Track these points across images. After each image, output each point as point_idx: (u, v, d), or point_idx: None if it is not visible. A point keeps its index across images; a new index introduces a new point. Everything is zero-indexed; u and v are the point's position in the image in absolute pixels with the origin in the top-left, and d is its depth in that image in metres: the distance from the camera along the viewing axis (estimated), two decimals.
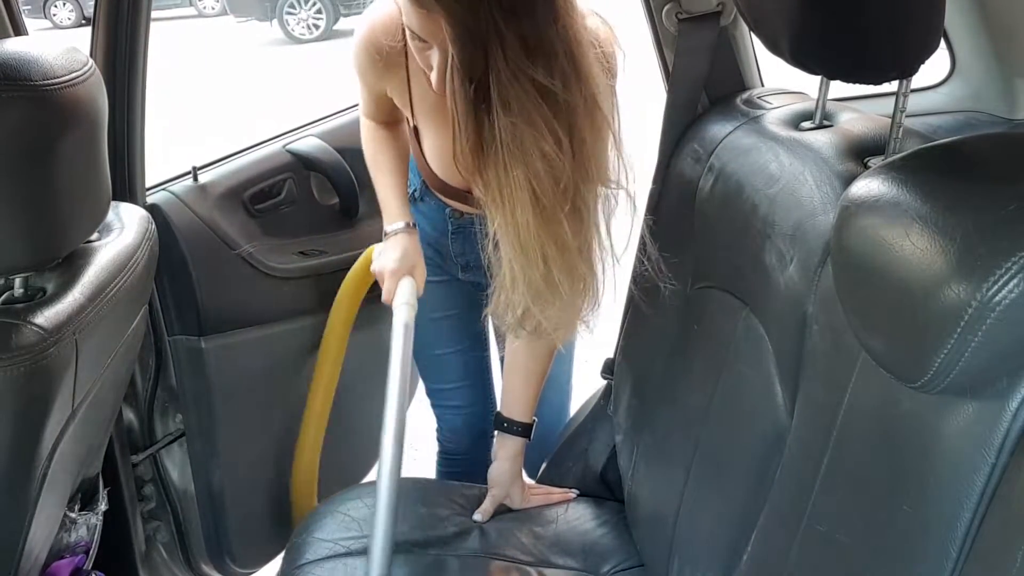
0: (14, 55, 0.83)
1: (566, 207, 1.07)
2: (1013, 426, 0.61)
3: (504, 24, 0.95)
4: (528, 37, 0.97)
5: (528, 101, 0.99)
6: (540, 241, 1.08)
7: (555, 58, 0.99)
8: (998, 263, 0.56)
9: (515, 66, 0.97)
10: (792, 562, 0.85)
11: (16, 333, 0.85)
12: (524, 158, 1.02)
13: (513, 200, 1.05)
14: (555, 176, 1.04)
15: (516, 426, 1.41)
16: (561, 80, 1.00)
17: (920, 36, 0.93)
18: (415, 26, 1.04)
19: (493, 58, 0.97)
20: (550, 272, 1.11)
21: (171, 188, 1.48)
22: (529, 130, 1.01)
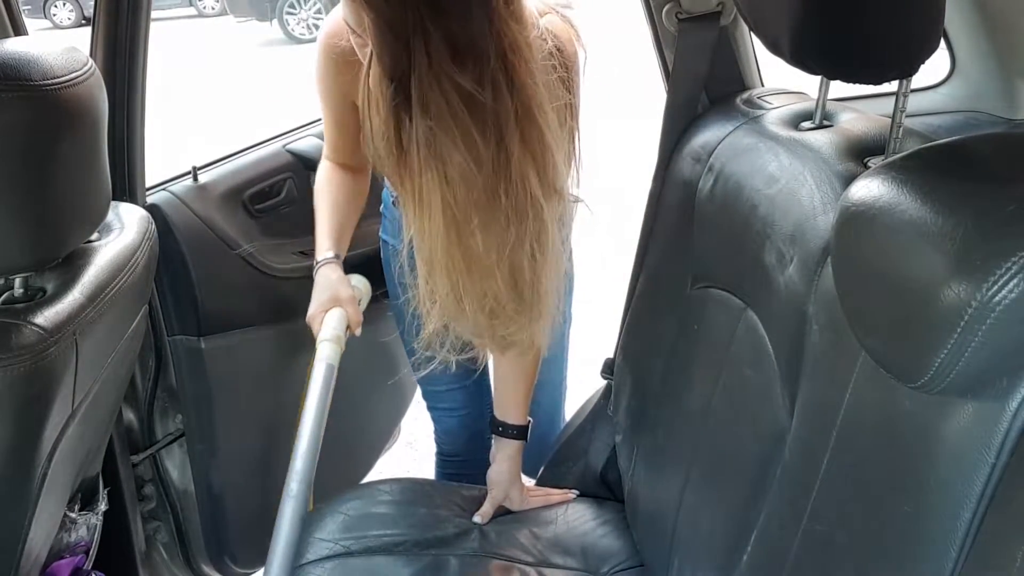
0: (14, 55, 0.83)
1: (475, 220, 1.01)
2: (1013, 426, 0.61)
3: (431, 22, 0.90)
4: (457, 38, 0.91)
5: (448, 106, 0.93)
6: (449, 253, 1.03)
7: (485, 63, 0.93)
8: (998, 263, 0.56)
9: (439, 68, 0.91)
10: (792, 562, 0.85)
11: (16, 333, 0.85)
12: (437, 164, 0.97)
13: (424, 206, 1.00)
14: (467, 186, 0.98)
15: (511, 429, 1.40)
16: (491, 88, 0.94)
17: (920, 36, 0.92)
18: (349, 19, 1.01)
19: (416, 57, 0.91)
20: (457, 287, 1.06)
21: (171, 188, 1.48)
22: (446, 136, 0.95)
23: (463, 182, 0.98)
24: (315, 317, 1.33)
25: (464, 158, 0.96)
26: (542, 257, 1.07)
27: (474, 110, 0.94)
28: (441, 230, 1.01)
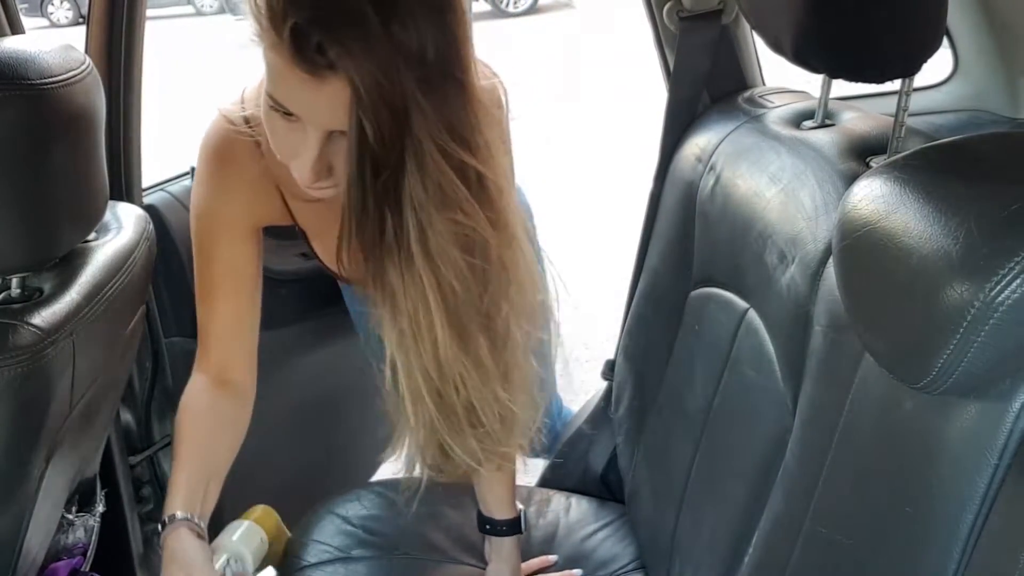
0: (11, 54, 0.83)
1: (481, 319, 0.91)
2: (1016, 427, 0.60)
3: (422, 95, 0.77)
4: (446, 116, 0.80)
5: (453, 190, 0.82)
6: (456, 361, 0.91)
7: (473, 139, 0.83)
8: (1001, 263, 0.55)
9: (439, 148, 0.80)
10: (794, 564, 0.84)
11: (13, 333, 0.85)
12: (442, 260, 0.85)
13: (422, 311, 0.88)
14: (485, 276, 0.88)
15: (501, 525, 1.25)
16: (482, 160, 0.84)
17: (923, 35, 0.92)
18: (290, 97, 0.81)
19: (415, 138, 0.78)
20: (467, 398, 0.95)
21: (168, 189, 1.48)
22: (451, 225, 0.84)
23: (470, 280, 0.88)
24: None
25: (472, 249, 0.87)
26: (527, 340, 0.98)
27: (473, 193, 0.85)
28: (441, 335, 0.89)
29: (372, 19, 0.73)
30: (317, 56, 0.75)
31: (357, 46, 0.74)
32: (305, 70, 0.76)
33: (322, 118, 0.81)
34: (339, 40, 0.74)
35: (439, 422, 0.97)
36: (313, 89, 0.77)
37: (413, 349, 0.91)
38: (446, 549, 1.32)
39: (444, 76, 0.79)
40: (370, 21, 0.73)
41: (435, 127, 0.79)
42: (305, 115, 0.82)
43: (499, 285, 0.91)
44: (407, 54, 0.75)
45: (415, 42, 0.75)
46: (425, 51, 0.76)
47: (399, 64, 0.75)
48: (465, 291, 0.88)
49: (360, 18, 0.74)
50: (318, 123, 0.81)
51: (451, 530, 1.34)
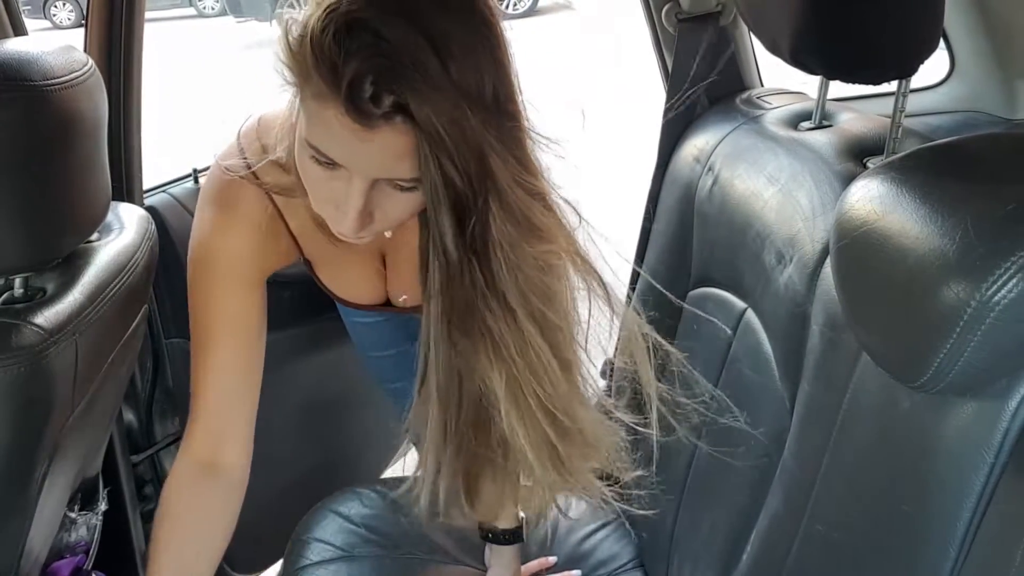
0: (14, 55, 0.83)
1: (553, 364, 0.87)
2: (1012, 426, 0.61)
3: (491, 134, 0.74)
4: (512, 145, 0.77)
5: (538, 220, 0.80)
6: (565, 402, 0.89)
7: (533, 162, 0.81)
8: (997, 263, 0.56)
9: (517, 182, 0.77)
10: (791, 562, 0.85)
11: (16, 333, 0.85)
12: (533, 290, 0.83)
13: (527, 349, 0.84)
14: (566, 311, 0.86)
15: (504, 534, 1.23)
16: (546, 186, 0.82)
17: (919, 36, 0.93)
18: (335, 147, 0.76)
19: (494, 178, 0.75)
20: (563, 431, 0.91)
21: (170, 190, 1.48)
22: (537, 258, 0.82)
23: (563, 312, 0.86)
24: None
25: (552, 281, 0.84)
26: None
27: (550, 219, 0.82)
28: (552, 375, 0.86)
29: (433, 64, 0.70)
30: (371, 107, 0.71)
31: (425, 93, 0.70)
32: (357, 120, 0.72)
33: (371, 168, 0.77)
34: (408, 88, 0.70)
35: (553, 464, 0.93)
36: (364, 139, 0.73)
37: (531, 390, 0.86)
38: (448, 550, 1.32)
39: (504, 111, 0.76)
40: (431, 66, 0.70)
41: (510, 162, 0.76)
42: (352, 165, 0.77)
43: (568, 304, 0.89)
44: (470, 96, 0.72)
45: (474, 83, 0.73)
46: (483, 90, 0.73)
47: (464, 107, 0.72)
48: (556, 316, 0.85)
49: (422, 64, 0.70)
50: (366, 173, 0.77)
51: (453, 531, 1.34)
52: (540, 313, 0.84)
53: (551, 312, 0.85)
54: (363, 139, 0.73)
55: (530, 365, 0.85)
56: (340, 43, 0.70)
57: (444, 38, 0.71)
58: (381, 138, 0.73)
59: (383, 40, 0.69)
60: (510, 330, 0.83)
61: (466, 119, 0.72)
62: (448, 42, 0.71)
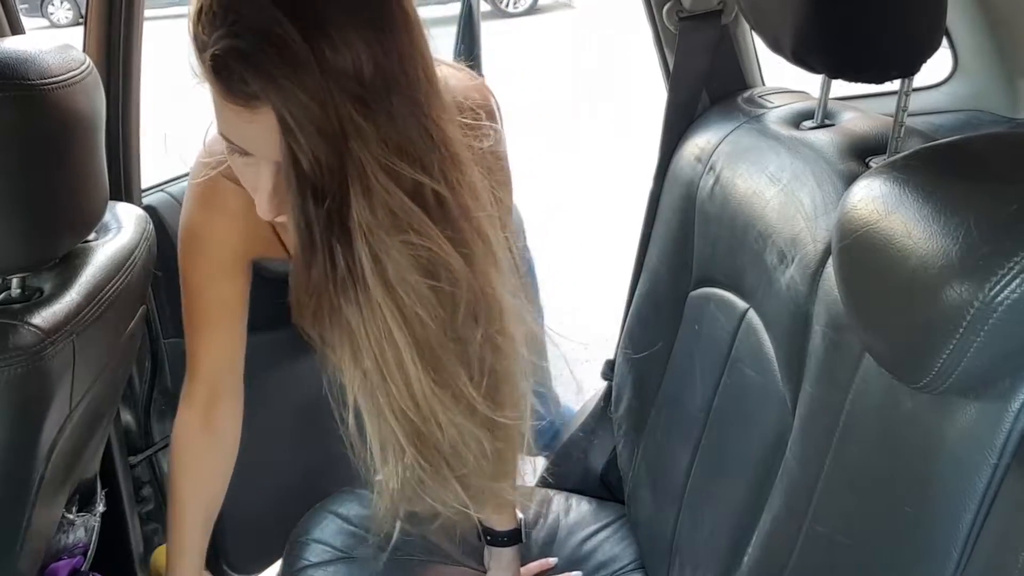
0: (11, 54, 0.83)
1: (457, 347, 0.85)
2: (1015, 427, 0.60)
3: (363, 119, 0.72)
4: (390, 136, 0.75)
5: (405, 210, 0.77)
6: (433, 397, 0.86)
7: (427, 157, 0.78)
8: (1000, 263, 0.55)
9: (383, 168, 0.74)
10: (793, 563, 0.85)
11: (13, 333, 0.85)
12: (403, 287, 0.79)
13: (388, 346, 0.82)
14: (453, 301, 0.82)
15: (502, 536, 1.23)
16: (436, 183, 0.78)
17: (922, 35, 0.92)
18: (232, 132, 0.78)
19: (355, 162, 0.73)
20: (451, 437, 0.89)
21: (168, 190, 1.48)
22: (406, 248, 0.78)
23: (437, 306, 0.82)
24: None
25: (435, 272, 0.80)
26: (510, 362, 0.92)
27: (429, 212, 0.78)
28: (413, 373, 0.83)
29: (297, 43, 0.70)
30: (243, 86, 0.72)
31: (280, 73, 0.70)
32: (234, 102, 0.73)
33: (265, 150, 0.77)
34: (260, 69, 0.70)
35: (420, 467, 0.92)
36: (248, 121, 0.74)
37: (382, 390, 0.86)
38: (448, 551, 1.31)
39: (387, 94, 0.74)
40: (294, 46, 0.70)
41: (378, 148, 0.74)
42: (248, 148, 0.78)
43: (471, 307, 0.85)
44: (340, 76, 0.71)
45: (349, 62, 0.72)
46: (361, 71, 0.72)
47: (331, 88, 0.71)
48: (433, 319, 0.82)
49: (282, 44, 0.70)
50: (263, 155, 0.78)
51: (453, 533, 1.34)
52: (414, 315, 0.81)
53: (427, 314, 0.82)
54: (248, 121, 0.74)
55: (387, 369, 0.84)
56: (208, 25, 0.72)
57: (314, 17, 0.71)
58: (263, 119, 0.73)
59: (246, 21, 0.70)
60: (369, 327, 0.81)
61: (330, 100, 0.71)
62: (319, 21, 0.71)
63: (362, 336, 0.82)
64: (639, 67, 3.01)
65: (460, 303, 0.83)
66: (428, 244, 0.79)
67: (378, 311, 0.80)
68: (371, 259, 0.78)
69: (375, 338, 0.82)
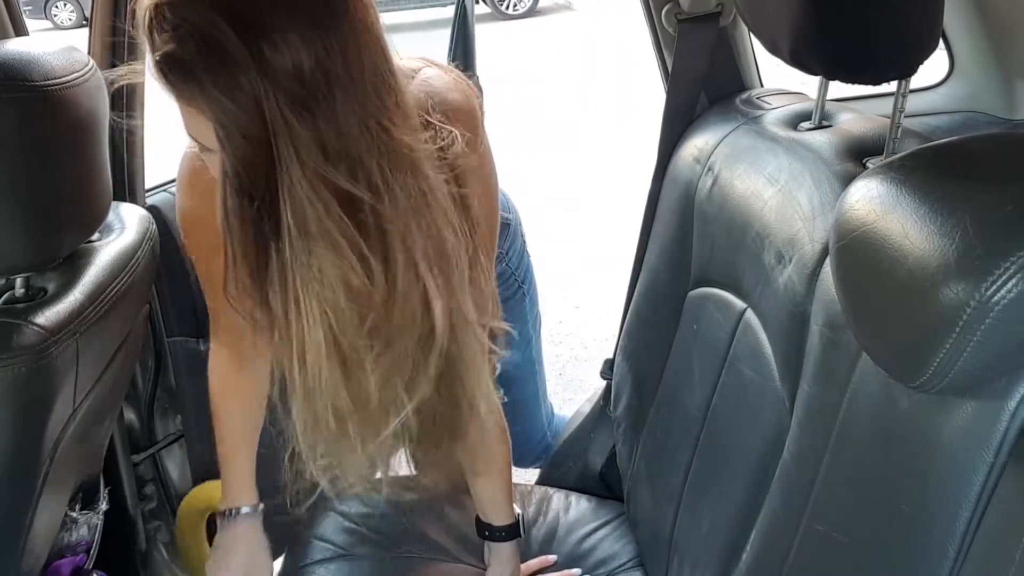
0: (15, 55, 0.83)
1: (372, 353, 0.86)
2: (1012, 425, 0.61)
3: (297, 120, 0.74)
4: (327, 138, 0.75)
5: (328, 215, 0.77)
6: (332, 392, 0.87)
7: (363, 164, 0.78)
8: (996, 263, 0.56)
9: (313, 171, 0.75)
10: (791, 561, 0.85)
11: (17, 333, 0.86)
12: (321, 289, 0.81)
13: (303, 342, 0.84)
14: (360, 312, 0.83)
15: (499, 531, 1.24)
16: (373, 192, 0.79)
17: (919, 36, 0.93)
18: (187, 126, 0.81)
19: (285, 165, 0.75)
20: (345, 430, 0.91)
21: (172, 189, 1.48)
22: (330, 254, 0.79)
23: (352, 306, 0.82)
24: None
25: (354, 276, 0.81)
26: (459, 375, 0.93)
27: (357, 220, 0.79)
28: (324, 367, 0.85)
29: (234, 45, 0.71)
30: (179, 86, 0.74)
31: (211, 81, 0.72)
32: (178, 99, 0.76)
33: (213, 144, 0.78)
34: (193, 76, 0.73)
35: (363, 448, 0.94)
36: (194, 118, 0.77)
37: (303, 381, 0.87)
38: (448, 548, 1.32)
39: (329, 95, 0.75)
40: (231, 48, 0.71)
41: (309, 153, 0.75)
42: (201, 141, 0.80)
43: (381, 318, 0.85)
44: (278, 76, 0.73)
45: (288, 61, 0.73)
46: (301, 69, 0.73)
47: (267, 89, 0.72)
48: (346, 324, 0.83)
49: (219, 47, 0.72)
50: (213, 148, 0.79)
51: (453, 530, 1.35)
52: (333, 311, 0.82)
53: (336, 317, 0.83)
54: (194, 118, 0.77)
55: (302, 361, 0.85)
56: (157, 28, 0.74)
57: (254, 18, 0.72)
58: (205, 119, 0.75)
59: (186, 26, 0.72)
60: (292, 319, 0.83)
61: (265, 102, 0.72)
62: (259, 22, 0.72)
63: (296, 332, 0.83)
64: (639, 68, 3.02)
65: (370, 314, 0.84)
66: (348, 254, 0.80)
67: (304, 302, 0.82)
68: (294, 261, 0.79)
69: (308, 331, 0.83)
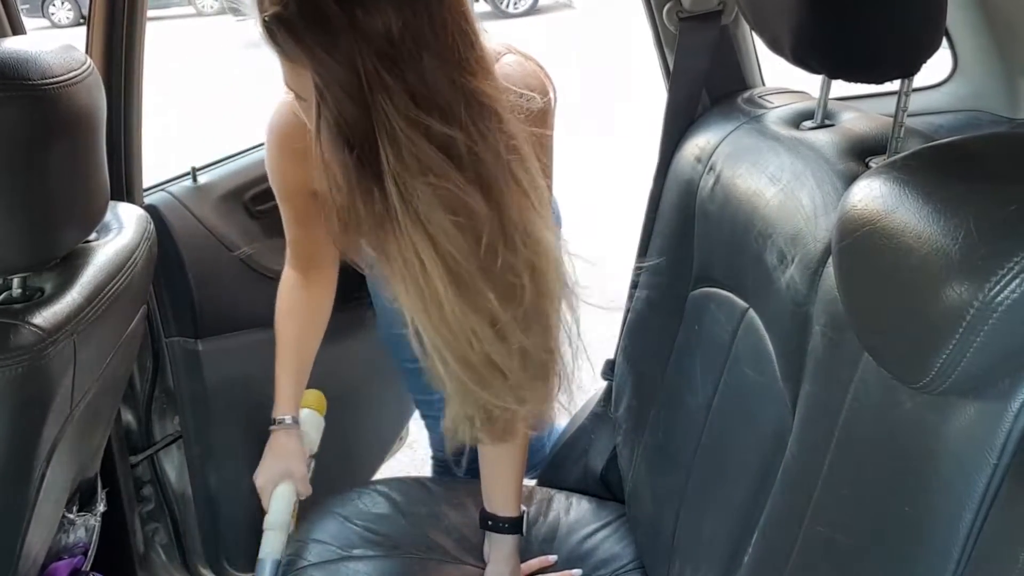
0: (12, 54, 0.83)
1: (488, 273, 0.91)
2: (1015, 427, 0.60)
3: (388, 75, 0.81)
4: (418, 90, 0.83)
5: (428, 157, 0.84)
6: (465, 318, 0.92)
7: (454, 112, 0.85)
8: (1000, 263, 0.55)
9: (406, 119, 0.82)
10: (793, 563, 0.84)
11: (14, 333, 0.85)
12: (431, 224, 0.87)
13: (422, 275, 0.90)
14: (475, 235, 0.88)
15: (503, 522, 1.26)
16: (463, 132, 0.86)
17: (922, 35, 0.92)
18: (292, 83, 0.90)
19: (380, 114, 0.82)
20: (485, 353, 0.95)
21: (169, 189, 1.48)
22: (429, 192, 0.85)
23: (461, 236, 0.88)
24: (265, 489, 1.28)
25: (458, 206, 0.87)
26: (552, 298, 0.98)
27: (453, 158, 0.86)
28: (451, 294, 0.90)
29: (331, 9, 0.80)
30: (285, 48, 0.83)
31: (313, 41, 0.81)
32: (282, 58, 0.86)
33: (310, 95, 0.85)
34: (296, 36, 0.81)
35: (465, 375, 0.99)
36: (296, 73, 0.86)
37: (422, 312, 0.93)
38: (447, 549, 1.32)
39: (418, 52, 0.82)
40: (329, 11, 0.80)
41: (404, 102, 0.82)
42: (300, 93, 0.89)
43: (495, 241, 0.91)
44: (371, 37, 0.80)
45: (380, 24, 0.80)
46: (391, 31, 0.81)
47: (361, 49, 0.80)
48: (459, 251, 0.89)
49: (319, 10, 0.80)
50: (312, 99, 0.86)
51: (452, 531, 1.34)
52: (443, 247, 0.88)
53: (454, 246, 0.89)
54: (297, 73, 0.86)
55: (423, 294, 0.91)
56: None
57: None
58: (306, 73, 0.83)
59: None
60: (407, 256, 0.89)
61: (360, 62, 0.80)
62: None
63: (400, 265, 0.90)
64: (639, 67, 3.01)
65: (483, 237, 0.90)
66: (448, 186, 0.86)
67: (411, 242, 0.88)
68: (399, 199, 0.86)
69: (412, 266, 0.90)
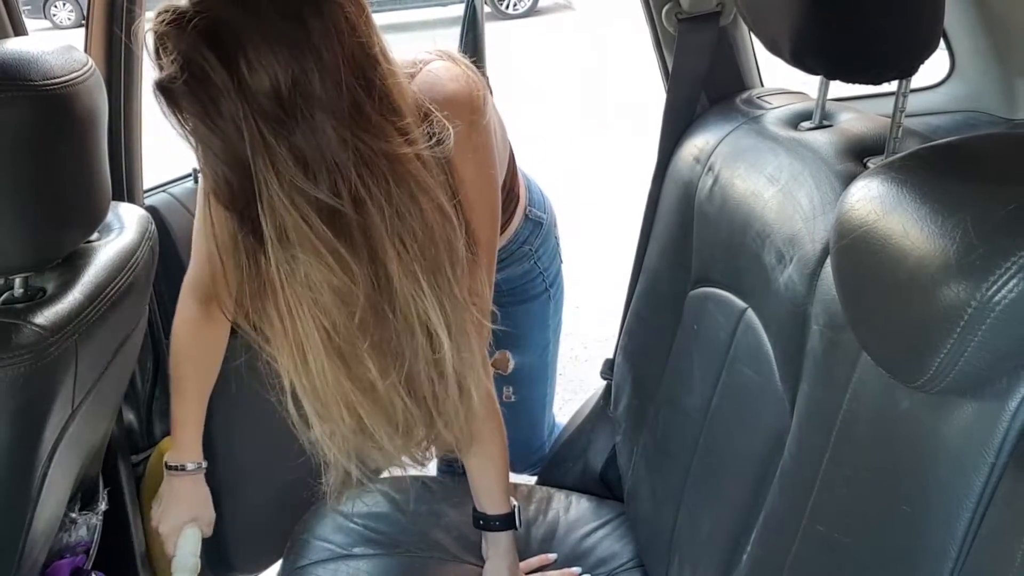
0: (14, 55, 0.83)
1: (363, 345, 0.91)
2: (1013, 426, 0.61)
3: (272, 136, 0.79)
4: (304, 151, 0.80)
5: (310, 227, 0.82)
6: (340, 390, 0.93)
7: (342, 174, 0.82)
8: (997, 263, 0.56)
9: (290, 185, 0.80)
10: (792, 562, 0.85)
11: (16, 333, 0.85)
12: (310, 295, 0.86)
13: (303, 346, 0.90)
14: (347, 310, 0.88)
15: (494, 520, 1.26)
16: (352, 200, 0.83)
17: (920, 36, 0.93)
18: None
19: (261, 179, 0.80)
20: (361, 420, 0.96)
21: (170, 190, 1.48)
22: (314, 262, 0.84)
23: (342, 307, 0.87)
24: (169, 537, 1.24)
25: (339, 280, 0.85)
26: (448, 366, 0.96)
27: (339, 227, 0.84)
28: (326, 366, 0.91)
29: (216, 70, 0.78)
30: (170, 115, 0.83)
31: (192, 109, 0.80)
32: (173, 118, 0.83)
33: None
34: (177, 104, 0.81)
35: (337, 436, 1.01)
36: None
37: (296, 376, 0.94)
38: (447, 547, 1.32)
39: (305, 111, 0.80)
40: (213, 73, 0.78)
41: (286, 167, 0.80)
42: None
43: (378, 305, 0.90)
44: (256, 97, 0.78)
45: (267, 82, 0.78)
46: (279, 89, 0.79)
47: (246, 112, 0.78)
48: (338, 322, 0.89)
49: (203, 73, 0.78)
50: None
51: (452, 529, 1.35)
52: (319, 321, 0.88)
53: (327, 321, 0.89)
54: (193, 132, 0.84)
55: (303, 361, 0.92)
56: (161, 55, 0.81)
57: (233, 42, 0.78)
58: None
59: (177, 54, 0.79)
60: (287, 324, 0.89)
61: (243, 122, 0.78)
62: (238, 46, 0.78)
63: (292, 332, 0.90)
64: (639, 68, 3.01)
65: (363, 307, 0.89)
66: (329, 258, 0.85)
67: (299, 309, 0.88)
68: (276, 269, 0.85)
69: (303, 332, 0.89)
